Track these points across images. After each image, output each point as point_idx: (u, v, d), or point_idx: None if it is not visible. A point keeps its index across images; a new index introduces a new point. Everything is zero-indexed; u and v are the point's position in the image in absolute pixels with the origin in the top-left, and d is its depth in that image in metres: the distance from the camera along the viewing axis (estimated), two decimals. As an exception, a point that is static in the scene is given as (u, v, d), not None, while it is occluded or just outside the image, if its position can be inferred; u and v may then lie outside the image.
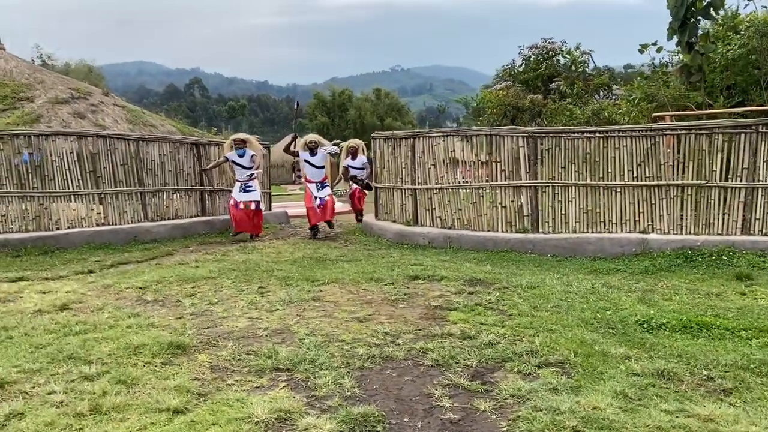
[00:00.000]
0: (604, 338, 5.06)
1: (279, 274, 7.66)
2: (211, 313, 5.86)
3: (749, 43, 11.38)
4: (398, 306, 6.19)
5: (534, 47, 15.31)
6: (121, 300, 6.39)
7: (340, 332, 5.24)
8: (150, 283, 7.13)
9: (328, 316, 5.80)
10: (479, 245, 9.32)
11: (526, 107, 13.40)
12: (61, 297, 6.37)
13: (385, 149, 10.75)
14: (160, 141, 11.10)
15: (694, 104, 11.91)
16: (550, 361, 4.46)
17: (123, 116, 23.83)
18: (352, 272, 7.76)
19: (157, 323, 5.44)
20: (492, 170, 9.36)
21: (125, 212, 10.50)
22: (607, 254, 8.63)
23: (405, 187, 10.33)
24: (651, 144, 8.60)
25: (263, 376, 4.24)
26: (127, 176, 10.54)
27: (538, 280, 7.18)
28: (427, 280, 7.38)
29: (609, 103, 13.08)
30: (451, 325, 5.43)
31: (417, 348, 4.79)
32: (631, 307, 6.05)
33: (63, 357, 4.41)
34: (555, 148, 9.01)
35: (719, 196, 8.43)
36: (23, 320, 5.48)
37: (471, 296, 6.49)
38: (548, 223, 9.15)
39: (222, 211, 12.22)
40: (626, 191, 8.78)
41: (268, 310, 5.97)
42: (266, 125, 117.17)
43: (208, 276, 7.59)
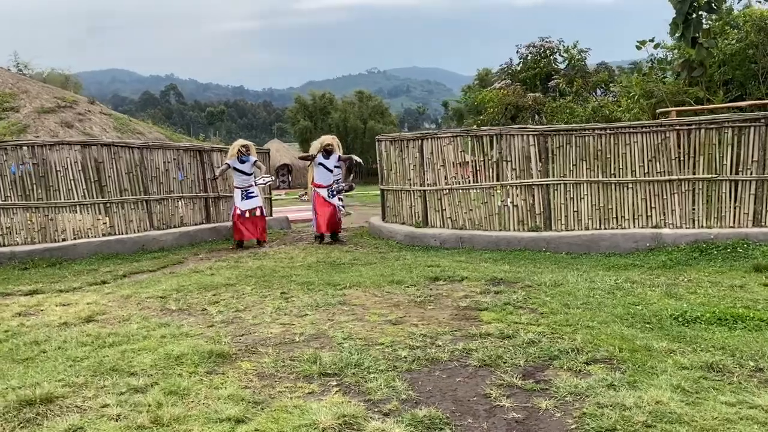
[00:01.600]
0: (642, 333, 5.08)
1: (298, 279, 7.61)
2: (241, 320, 5.80)
3: (747, 37, 11.53)
4: (427, 308, 6.17)
5: (531, 46, 15.41)
6: (145, 310, 6.29)
7: (376, 335, 5.20)
8: (170, 292, 7.04)
9: (359, 319, 5.76)
10: (492, 245, 9.32)
11: (527, 106, 13.47)
12: (84, 309, 6.26)
13: (391, 151, 10.72)
14: (164, 148, 10.98)
15: (693, 99, 12.04)
16: (597, 358, 4.46)
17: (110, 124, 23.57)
18: (371, 275, 7.73)
19: (190, 332, 5.37)
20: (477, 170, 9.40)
21: (131, 221, 10.37)
22: (621, 250, 8.67)
23: (414, 188, 10.31)
24: (661, 139, 8.67)
25: (312, 381, 4.19)
26: (132, 184, 10.42)
27: (560, 278, 7.20)
28: (448, 281, 7.36)
29: (608, 100, 13.19)
30: (486, 325, 5.41)
31: (459, 349, 4.77)
32: (659, 302, 6.08)
33: (105, 369, 4.32)
34: (566, 145, 9.05)
35: (730, 190, 8.51)
36: (52, 333, 5.38)
37: (497, 296, 6.48)
38: (560, 221, 9.19)
39: (226, 218, 12.11)
40: (638, 187, 8.84)
41: (297, 316, 5.92)
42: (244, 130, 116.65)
43: (227, 283, 7.51)
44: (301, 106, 55.66)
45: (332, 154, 10.56)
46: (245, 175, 10.48)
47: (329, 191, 10.56)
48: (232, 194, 12.45)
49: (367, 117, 55.11)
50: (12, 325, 5.75)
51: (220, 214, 12.02)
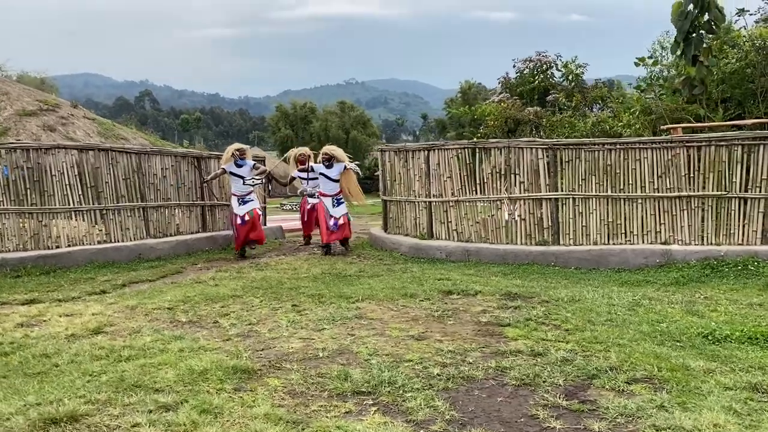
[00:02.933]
0: (675, 351, 4.97)
1: (307, 291, 7.41)
2: (257, 334, 5.58)
3: (747, 57, 11.64)
4: (447, 322, 6.01)
5: (528, 60, 15.43)
6: (154, 322, 6.04)
7: (402, 351, 5.03)
8: (176, 303, 6.80)
9: (380, 334, 5.58)
10: (499, 258, 9.20)
11: (527, 119, 13.44)
12: (91, 320, 6.00)
13: (396, 161, 10.58)
14: (162, 155, 10.71)
15: (692, 116, 12.11)
16: (637, 377, 4.34)
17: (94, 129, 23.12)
18: (382, 288, 7.56)
19: (208, 346, 5.14)
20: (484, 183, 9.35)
21: (127, 229, 10.08)
22: (630, 266, 8.61)
23: (419, 199, 10.17)
24: (671, 155, 8.65)
25: (347, 400, 4.01)
26: (129, 191, 10.13)
27: (576, 294, 7.09)
28: (461, 294, 7.22)
29: (607, 115, 13.22)
30: (513, 342, 5.27)
31: (492, 366, 4.62)
32: (682, 319, 5.99)
33: (128, 385, 4.09)
34: (575, 159, 9.00)
35: (739, 207, 8.51)
36: (61, 346, 5.12)
37: (517, 311, 6.35)
38: (569, 235, 9.11)
39: (222, 227, 11.86)
40: (647, 202, 8.81)
41: (315, 330, 5.73)
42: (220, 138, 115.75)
43: (234, 294, 7.29)
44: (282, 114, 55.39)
45: (334, 164, 10.39)
46: (242, 179, 10.20)
47: (333, 201, 10.38)
48: (228, 203, 12.21)
49: (349, 127, 55.04)
50: (16, 336, 5.47)
51: (216, 223, 11.76)
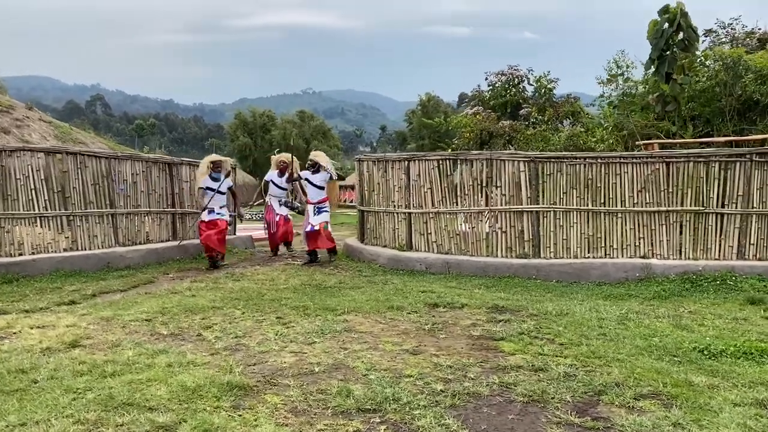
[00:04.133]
0: (675, 367, 4.95)
1: (290, 303, 7.18)
2: (246, 348, 5.34)
3: (717, 76, 11.95)
4: (439, 336, 5.88)
5: (500, 74, 15.54)
6: (133, 334, 5.73)
7: (400, 366, 4.88)
8: (154, 315, 6.49)
9: (374, 348, 5.41)
10: (480, 271, 9.14)
11: (500, 132, 13.50)
12: (65, 332, 5.65)
13: (374, 171, 10.44)
14: (133, 160, 10.32)
15: (663, 133, 12.35)
16: (644, 393, 4.29)
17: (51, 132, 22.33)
18: (365, 300, 7.39)
19: (196, 360, 4.88)
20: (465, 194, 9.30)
21: (95, 236, 9.64)
22: (611, 279, 8.65)
23: (398, 210, 10.04)
24: (651, 171, 8.75)
25: (352, 418, 3.83)
26: (98, 197, 9.69)
27: (563, 307, 7.05)
28: (448, 307, 7.11)
29: (579, 129, 13.39)
30: (510, 357, 5.18)
31: (496, 382, 4.50)
32: (673, 333, 6.00)
33: (118, 403, 3.82)
34: (557, 173, 9.02)
35: (716, 223, 8.66)
36: (37, 360, 4.78)
37: (507, 325, 6.26)
38: (549, 248, 9.11)
39: (193, 235, 11.49)
40: (627, 217, 8.88)
41: (305, 343, 5.52)
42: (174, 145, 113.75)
43: (213, 306, 7.01)
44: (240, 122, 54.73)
45: (320, 171, 10.19)
46: (219, 194, 9.86)
47: (315, 209, 10.16)
48: (198, 210, 11.85)
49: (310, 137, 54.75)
50: (-14, 350, 5.10)
51: (186, 231, 11.38)
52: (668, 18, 12.08)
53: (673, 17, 11.97)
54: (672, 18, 11.99)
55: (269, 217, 11.56)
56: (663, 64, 11.97)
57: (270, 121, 55.15)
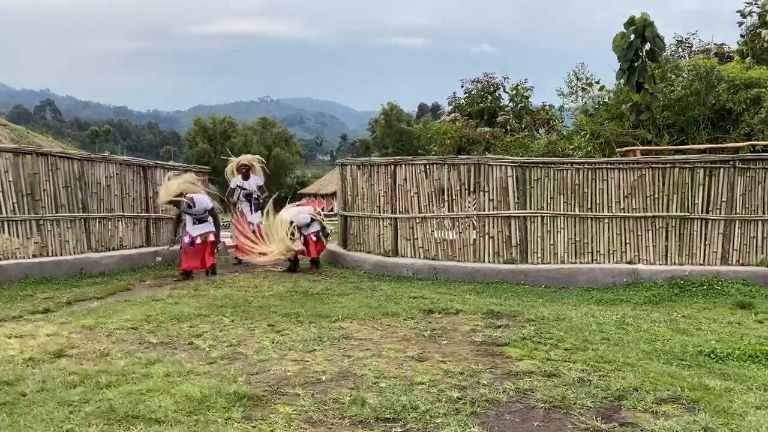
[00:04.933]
0: (686, 371, 4.91)
1: (279, 311, 6.92)
2: (244, 357, 5.09)
3: (691, 85, 12.17)
4: (440, 342, 5.73)
5: (476, 81, 15.58)
6: (120, 343, 5.41)
7: (409, 374, 4.71)
8: (139, 323, 6.16)
9: (377, 355, 5.22)
10: (468, 277, 9.03)
11: (479, 140, 13.51)
12: (47, 341, 5.30)
13: (358, 176, 10.25)
14: (107, 162, 9.90)
15: (639, 141, 12.50)
16: (664, 398, 4.21)
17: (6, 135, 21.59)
18: (357, 307, 7.18)
19: (195, 370, 4.61)
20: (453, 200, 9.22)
21: (67, 241, 9.18)
22: (599, 285, 8.65)
23: (384, 216, 9.87)
24: (637, 176, 8.80)
25: (372, 428, 3.64)
26: (69, 200, 9.24)
27: (558, 312, 6.98)
28: (443, 313, 6.97)
29: (557, 137, 13.48)
30: (519, 362, 5.05)
31: (511, 388, 4.36)
32: (673, 338, 5.99)
33: (121, 416, 3.54)
34: (544, 178, 9.00)
35: (701, 228, 8.75)
36: (22, 372, 4.43)
37: (507, 330, 6.15)
38: (537, 254, 9.06)
39: (167, 241, 11.08)
40: (614, 222, 8.91)
41: (305, 351, 5.30)
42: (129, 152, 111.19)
43: (199, 314, 6.70)
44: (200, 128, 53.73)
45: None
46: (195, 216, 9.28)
47: None
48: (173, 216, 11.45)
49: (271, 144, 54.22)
50: (-38, 361, 4.72)
51: (161, 237, 10.98)
52: (635, 29, 12.26)
53: (640, 28, 12.14)
54: (639, 29, 12.17)
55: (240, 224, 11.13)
56: (633, 74, 12.13)
57: (231, 127, 54.33)
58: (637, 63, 11.98)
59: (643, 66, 11.97)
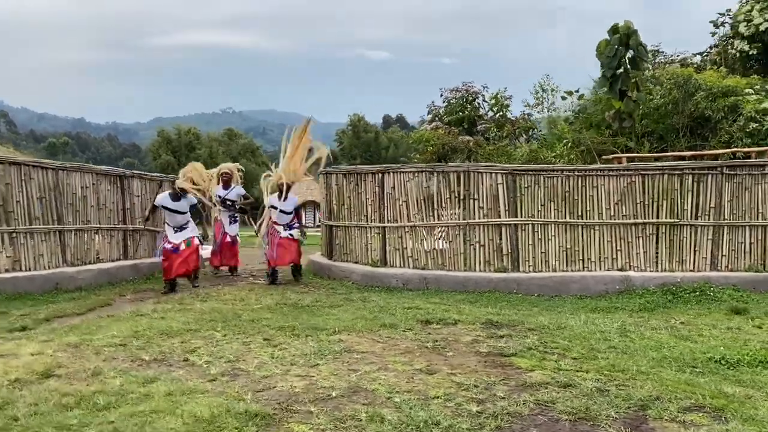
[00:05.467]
0: (701, 378, 4.83)
1: (272, 324, 6.66)
2: (245, 373, 4.83)
3: (670, 94, 12.31)
4: (445, 354, 5.56)
5: (455, 90, 15.56)
6: (112, 361, 5.10)
7: (421, 387, 4.52)
8: (127, 339, 5.84)
9: (384, 369, 5.02)
10: (459, 286, 8.89)
11: (462, 148, 13.45)
12: (33, 361, 4.96)
13: (344, 185, 10.04)
14: (83, 172, 9.49)
15: (620, 149, 12.59)
16: (687, 406, 4.11)
17: (-39, 148, 20.88)
18: (352, 319, 6.96)
19: (197, 388, 4.35)
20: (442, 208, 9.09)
21: (41, 255, 8.75)
22: (591, 292, 8.59)
23: (371, 225, 9.67)
24: (627, 183, 8.80)
25: (397, 447, 3.44)
26: (44, 212, 8.83)
27: (557, 321, 6.88)
28: (441, 324, 6.80)
29: (538, 145, 13.51)
30: (530, 373, 4.91)
31: (530, 401, 4.21)
32: (678, 345, 5.92)
33: (128, 442, 3.27)
34: (534, 186, 8.93)
35: (690, 234, 8.77)
36: (9, 395, 4.11)
37: (510, 340, 6.01)
38: (528, 262, 8.97)
39: (144, 254, 10.70)
40: (604, 229, 8.88)
41: (308, 366, 5.07)
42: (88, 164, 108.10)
43: (188, 329, 6.39)
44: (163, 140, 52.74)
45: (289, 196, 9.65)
46: (179, 214, 8.96)
47: (285, 227, 9.63)
48: (153, 228, 11.07)
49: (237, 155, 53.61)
50: (-59, 384, 4.36)
51: (137, 250, 10.59)
52: (619, 37, 12.39)
53: (624, 36, 12.28)
54: (623, 37, 12.30)
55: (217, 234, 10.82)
56: (616, 82, 12.25)
57: (195, 139, 53.44)
58: (620, 71, 12.08)
59: (626, 74, 12.08)
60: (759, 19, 13.60)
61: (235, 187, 10.84)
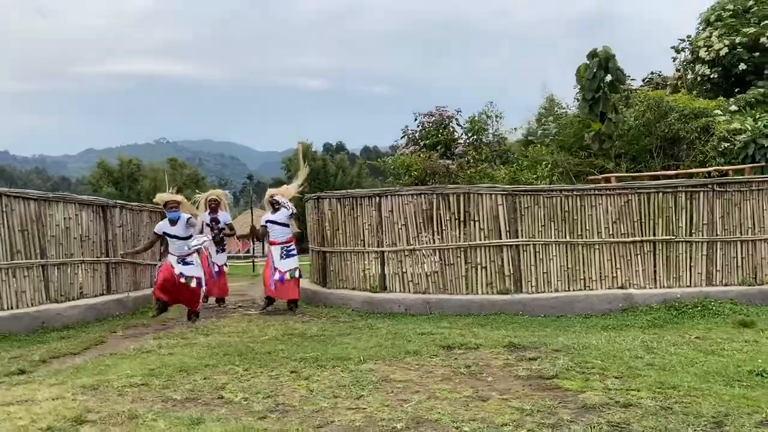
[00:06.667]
0: (755, 392, 4.83)
1: (291, 356, 6.39)
2: (293, 408, 4.58)
3: (644, 115, 12.70)
4: (485, 379, 5.43)
5: (430, 114, 15.66)
6: (141, 402, 4.74)
7: (483, 415, 4.38)
8: (146, 379, 5.46)
9: (433, 398, 4.86)
10: (462, 309, 8.78)
11: (443, 172, 13.47)
12: (56, 407, 4.55)
13: (338, 209, 9.84)
14: (66, 202, 8.97)
15: (597, 170, 12.85)
16: (760, 420, 4.10)
17: None
18: (370, 347, 6.73)
19: (253, 426, 4.09)
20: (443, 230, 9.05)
21: (24, 291, 8.17)
22: (595, 311, 8.63)
23: (369, 249, 9.49)
24: (624, 202, 8.95)
25: (496, 480, 3.26)
26: (26, 245, 8.27)
27: (577, 341, 6.81)
28: (464, 348, 6.66)
29: (516, 168, 13.67)
30: (582, 395, 4.83)
31: (603, 422, 4.13)
32: (710, 359, 5.94)
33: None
34: (534, 206, 8.97)
35: (686, 251, 8.96)
36: (50, 445, 3.74)
37: (542, 362, 5.91)
38: (530, 282, 8.96)
39: (125, 288, 10.18)
40: (604, 248, 8.97)
41: (353, 398, 4.86)
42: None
43: (205, 364, 6.06)
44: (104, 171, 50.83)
45: (280, 209, 9.44)
46: (179, 240, 8.51)
47: (282, 251, 9.35)
48: (134, 260, 10.57)
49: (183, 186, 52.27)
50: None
51: (120, 283, 10.06)
52: (598, 61, 12.76)
53: (603, 61, 12.65)
54: (602, 61, 12.68)
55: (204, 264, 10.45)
56: (597, 105, 12.58)
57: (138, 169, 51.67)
58: (599, 94, 12.41)
59: (605, 96, 12.40)
60: (719, 45, 14.28)
61: (222, 213, 10.58)
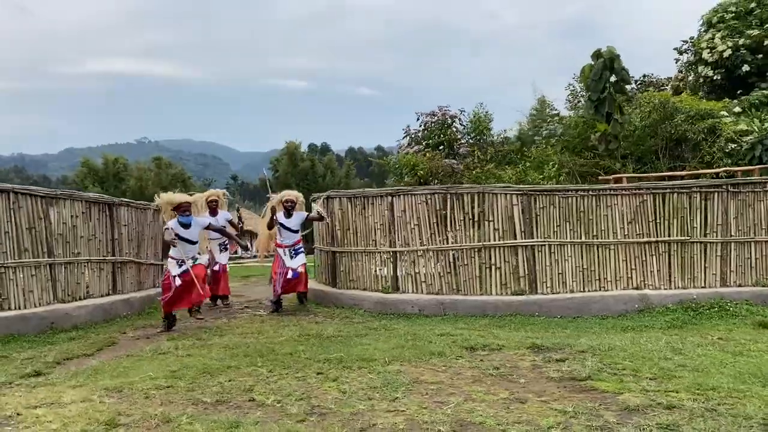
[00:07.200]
0: (792, 393, 4.78)
1: (314, 357, 6.27)
2: (331, 411, 4.47)
3: (650, 116, 12.69)
4: (518, 381, 5.34)
5: (432, 114, 15.57)
6: (171, 405, 4.60)
7: (526, 417, 4.30)
8: (169, 381, 5.33)
9: (470, 400, 4.76)
10: (477, 310, 8.69)
11: (448, 172, 13.38)
12: (86, 410, 4.41)
13: (349, 209, 9.71)
14: (73, 200, 8.77)
15: (603, 171, 12.82)
16: (810, 423, 4.03)
17: None
18: (391, 348, 6.61)
19: (295, 429, 3.97)
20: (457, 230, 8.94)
21: (31, 291, 7.97)
22: (612, 312, 8.57)
23: (382, 250, 9.37)
24: (640, 202, 8.90)
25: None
26: (34, 244, 8.07)
27: (601, 342, 6.72)
28: (487, 350, 6.56)
29: (522, 168, 13.61)
30: (620, 396, 4.77)
31: (653, 425, 4.05)
32: (740, 360, 5.89)
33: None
34: (549, 206, 8.90)
35: (701, 251, 8.93)
36: (90, 450, 3.59)
37: (571, 363, 5.83)
38: (546, 283, 8.89)
39: (130, 288, 9.99)
40: (619, 248, 8.91)
41: (388, 400, 4.75)
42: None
43: (227, 365, 5.92)
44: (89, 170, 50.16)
45: (295, 213, 9.32)
46: (189, 244, 8.21)
47: (290, 251, 9.21)
48: (138, 259, 10.38)
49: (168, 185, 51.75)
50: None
51: (125, 283, 9.87)
52: (603, 62, 12.74)
53: (608, 61, 12.64)
54: (607, 62, 12.66)
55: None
56: (603, 105, 12.56)
57: (124, 168, 51.09)
58: (604, 94, 12.38)
59: (611, 97, 12.38)
60: (722, 46, 14.33)
61: (222, 213, 10.47)
